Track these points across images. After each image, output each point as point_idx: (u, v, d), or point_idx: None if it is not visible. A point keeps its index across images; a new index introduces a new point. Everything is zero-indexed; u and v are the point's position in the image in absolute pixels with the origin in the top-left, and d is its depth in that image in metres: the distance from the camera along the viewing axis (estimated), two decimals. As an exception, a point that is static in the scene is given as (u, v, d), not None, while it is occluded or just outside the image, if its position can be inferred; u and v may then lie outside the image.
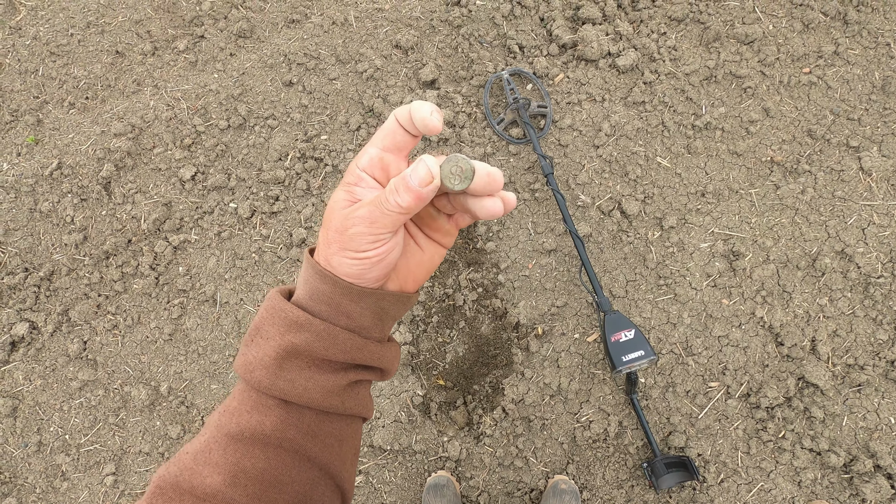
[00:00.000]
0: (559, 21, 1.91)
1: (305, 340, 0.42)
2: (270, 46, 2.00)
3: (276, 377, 0.42)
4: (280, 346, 0.42)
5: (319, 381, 0.43)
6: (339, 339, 0.42)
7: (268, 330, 0.43)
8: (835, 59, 1.80)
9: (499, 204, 0.40)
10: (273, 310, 0.43)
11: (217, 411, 0.45)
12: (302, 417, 0.44)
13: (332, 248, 0.40)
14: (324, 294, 0.42)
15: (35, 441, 1.67)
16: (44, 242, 1.84)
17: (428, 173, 0.37)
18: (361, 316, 0.43)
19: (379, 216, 0.38)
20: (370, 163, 0.41)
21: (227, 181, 1.84)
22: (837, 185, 1.68)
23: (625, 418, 1.55)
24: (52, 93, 2.04)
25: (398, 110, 0.39)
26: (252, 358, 0.43)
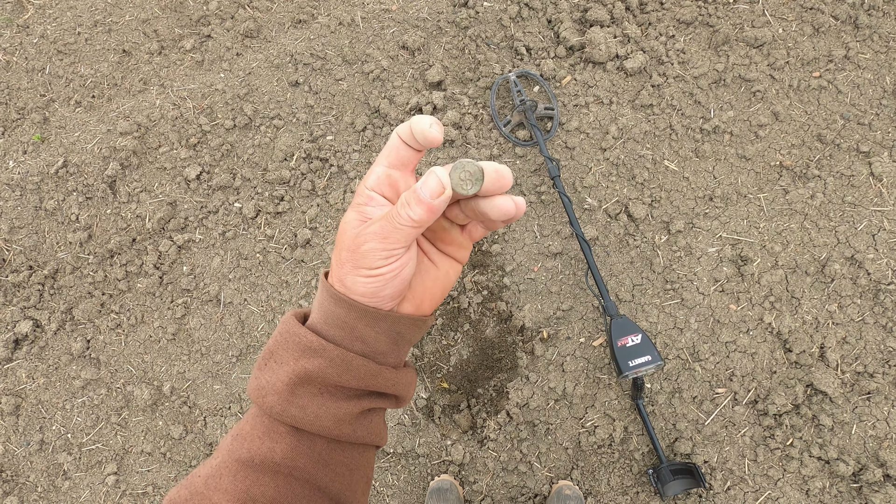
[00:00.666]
0: (567, 23, 1.90)
1: (319, 366, 0.41)
2: (277, 46, 2.00)
3: (288, 403, 0.41)
4: (293, 372, 0.41)
5: (331, 408, 0.42)
6: (353, 365, 0.41)
7: (281, 354, 0.42)
8: (845, 63, 1.78)
9: (510, 202, 0.39)
10: (287, 334, 0.43)
11: (230, 434, 0.45)
12: (313, 446, 0.43)
13: (346, 268, 0.40)
14: (338, 318, 0.41)
15: (37, 439, 1.67)
16: (48, 240, 1.83)
17: (439, 184, 0.36)
18: (377, 341, 0.42)
19: (391, 231, 0.38)
20: (378, 181, 0.41)
21: (232, 181, 1.84)
22: (847, 191, 1.66)
23: (630, 424, 1.53)
24: (58, 91, 2.04)
25: (399, 128, 0.40)
26: (265, 382, 0.42)
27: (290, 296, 1.72)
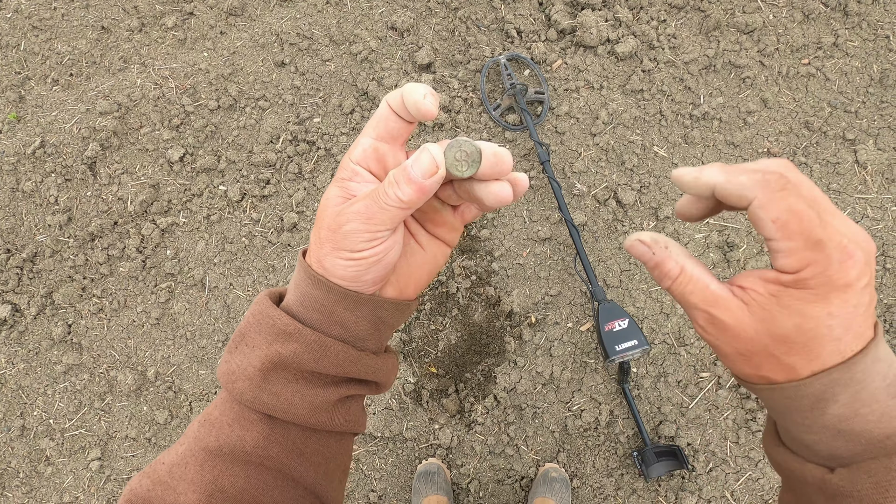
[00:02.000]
0: (558, 6, 1.87)
1: (294, 351, 0.38)
2: (262, 25, 1.95)
3: (260, 390, 0.39)
4: (266, 357, 0.38)
5: (307, 395, 0.39)
6: (330, 350, 0.39)
7: (253, 337, 0.39)
8: (834, 50, 1.79)
9: (507, 188, 0.36)
10: (260, 315, 0.39)
11: (197, 420, 0.42)
12: (287, 434, 0.41)
13: (325, 248, 0.36)
14: (316, 300, 0.38)
15: (18, 425, 1.64)
16: (26, 223, 1.79)
17: (432, 163, 0.33)
18: (356, 325, 0.39)
19: (376, 211, 0.34)
20: (364, 155, 0.37)
21: (216, 163, 1.80)
22: (833, 178, 1.68)
23: (616, 407, 1.55)
24: (34, 68, 1.97)
25: (390, 95, 0.36)
26: (235, 367, 0.39)
27: (276, 280, 1.70)
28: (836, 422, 0.31)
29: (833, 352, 0.30)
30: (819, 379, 0.30)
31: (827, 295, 0.29)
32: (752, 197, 0.31)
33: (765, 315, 0.31)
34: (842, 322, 0.30)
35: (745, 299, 0.32)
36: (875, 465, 0.30)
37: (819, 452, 0.33)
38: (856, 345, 0.31)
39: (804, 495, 0.35)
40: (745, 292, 0.32)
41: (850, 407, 0.31)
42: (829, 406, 0.31)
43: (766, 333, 0.31)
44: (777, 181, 0.30)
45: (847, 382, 0.30)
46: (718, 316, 0.33)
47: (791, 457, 0.35)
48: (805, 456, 0.34)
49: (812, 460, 0.34)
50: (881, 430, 0.30)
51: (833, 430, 0.31)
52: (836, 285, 0.29)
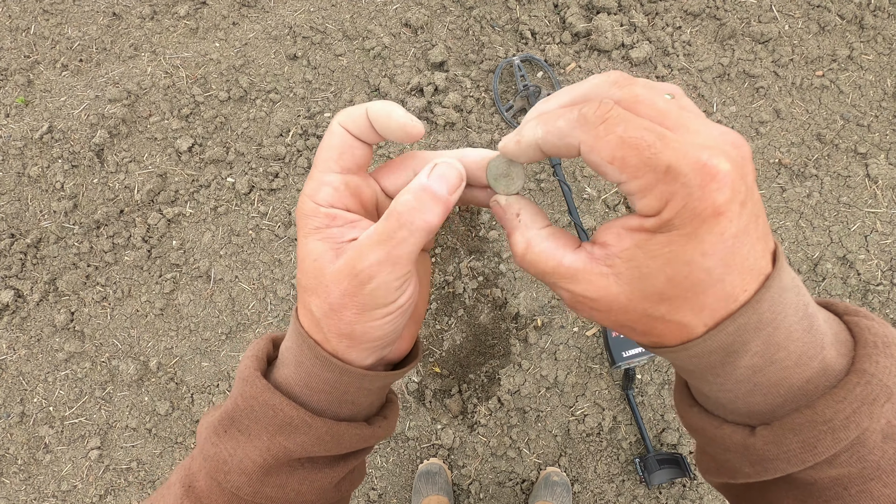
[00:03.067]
0: (574, 9, 1.86)
1: (302, 444, 0.33)
2: (275, 17, 1.93)
3: (261, 484, 0.34)
4: (268, 451, 0.33)
5: (315, 481, 0.35)
6: (344, 437, 0.34)
7: (248, 426, 0.33)
8: (848, 63, 1.78)
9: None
10: (254, 401, 0.33)
11: (181, 482, 0.36)
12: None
13: (348, 315, 0.30)
14: (326, 382, 0.33)
15: (17, 412, 1.63)
16: (31, 208, 1.77)
17: (458, 175, 0.30)
18: (367, 400, 0.36)
19: (399, 247, 0.29)
20: (337, 195, 0.31)
21: (225, 155, 1.79)
22: (843, 191, 1.68)
23: (619, 413, 1.55)
24: (44, 53, 1.95)
25: (343, 119, 0.30)
26: (227, 456, 0.34)
27: (282, 274, 1.69)
28: (749, 374, 0.26)
29: (720, 298, 0.25)
30: (721, 331, 0.25)
31: (696, 231, 0.23)
32: (577, 142, 0.25)
33: (633, 274, 0.25)
34: (721, 260, 0.24)
35: (608, 262, 0.26)
36: (798, 418, 0.26)
37: (736, 410, 0.28)
38: (748, 283, 0.25)
39: (726, 462, 0.30)
40: (606, 252, 0.26)
41: (763, 355, 0.26)
42: (741, 358, 0.26)
43: (639, 296, 0.26)
44: (597, 112, 0.24)
45: (756, 326, 0.25)
46: (580, 291, 0.27)
47: (706, 418, 0.30)
48: (722, 416, 0.30)
49: (730, 419, 0.29)
50: (800, 375, 0.26)
51: (748, 385, 0.27)
52: (704, 216, 0.23)
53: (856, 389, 0.25)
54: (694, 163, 0.23)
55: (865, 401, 0.25)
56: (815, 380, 0.26)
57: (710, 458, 0.33)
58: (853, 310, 0.30)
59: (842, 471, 0.27)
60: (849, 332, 0.28)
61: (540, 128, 0.27)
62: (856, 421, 0.25)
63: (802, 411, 0.26)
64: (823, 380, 0.26)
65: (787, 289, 0.26)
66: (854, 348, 0.27)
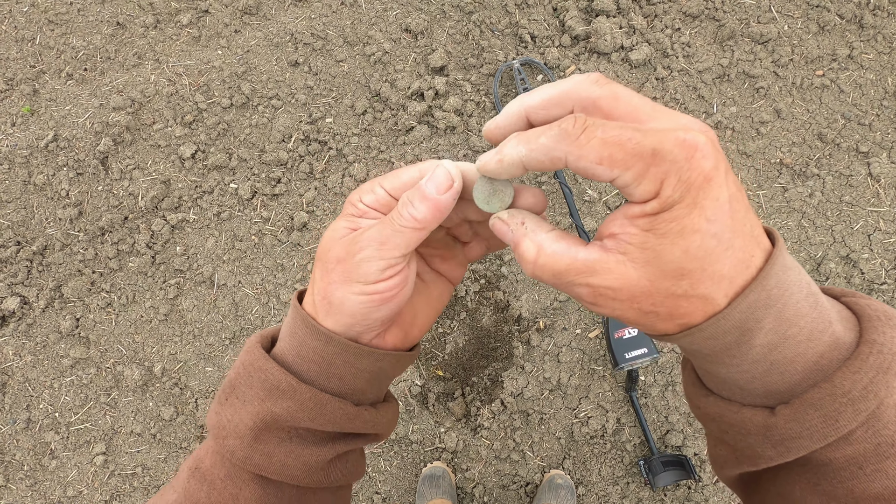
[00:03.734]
0: (573, 12, 1.87)
1: (287, 410, 0.36)
2: (277, 24, 1.95)
3: (251, 450, 0.37)
4: (257, 415, 0.36)
5: (301, 455, 0.37)
6: (327, 408, 0.36)
7: (244, 391, 0.37)
8: (849, 62, 1.78)
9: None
10: (251, 367, 0.37)
11: (189, 466, 0.40)
12: (281, 494, 0.39)
13: (334, 279, 0.34)
14: (313, 351, 0.36)
15: (24, 418, 1.64)
16: (37, 216, 1.79)
17: (447, 177, 0.32)
18: (355, 379, 0.37)
19: (390, 235, 0.32)
20: (377, 201, 0.35)
21: (228, 161, 1.80)
22: (845, 190, 1.67)
23: (623, 415, 1.54)
24: (49, 62, 1.98)
25: (425, 169, 0.34)
26: (226, 421, 0.37)
27: (285, 279, 1.70)
28: (766, 352, 0.27)
29: (735, 264, 0.26)
30: (737, 306, 0.26)
31: (695, 200, 0.25)
32: (563, 154, 0.27)
33: (649, 256, 0.26)
34: (724, 224, 0.26)
35: (621, 249, 0.27)
36: (817, 393, 0.27)
37: (753, 392, 0.29)
38: (754, 249, 0.27)
39: (746, 447, 0.31)
40: (617, 241, 0.27)
41: (776, 332, 0.27)
42: (756, 336, 0.27)
43: (660, 275, 0.27)
44: (576, 125, 0.27)
45: (766, 302, 0.26)
46: (601, 283, 0.28)
47: (724, 404, 0.31)
48: (739, 399, 0.30)
49: (747, 402, 0.30)
50: (813, 350, 0.27)
51: (765, 364, 0.28)
52: (698, 184, 0.25)
53: (869, 359, 0.26)
54: (675, 140, 0.25)
55: (880, 370, 0.26)
56: (828, 354, 0.27)
57: (729, 448, 0.33)
58: (849, 292, 0.31)
59: (857, 448, 0.27)
60: (849, 311, 0.29)
61: (522, 146, 0.29)
62: (873, 391, 0.26)
63: (821, 385, 0.27)
64: (836, 353, 0.27)
65: (790, 268, 0.27)
66: (859, 323, 0.28)
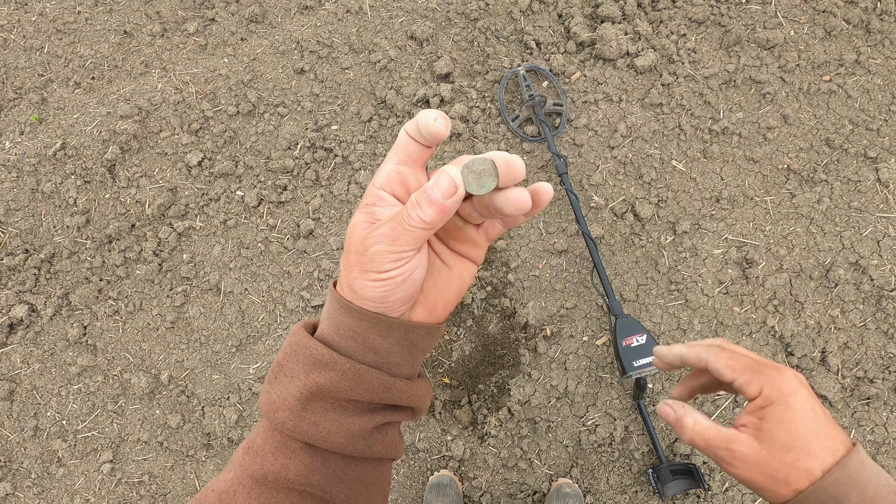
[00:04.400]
0: (578, 18, 1.87)
1: (330, 380, 0.40)
2: (282, 32, 1.96)
3: (299, 419, 0.40)
4: (304, 387, 0.40)
5: (345, 424, 0.41)
6: (366, 378, 0.40)
7: (291, 368, 0.41)
8: (856, 67, 1.77)
9: (524, 194, 0.37)
10: (297, 346, 0.41)
11: (242, 447, 0.44)
12: (327, 462, 0.42)
13: (354, 272, 0.38)
14: (349, 328, 0.40)
15: (31, 426, 1.65)
16: (45, 224, 1.80)
17: (451, 183, 0.35)
18: (390, 352, 0.41)
19: (401, 233, 0.36)
20: (387, 179, 0.39)
21: (234, 168, 1.81)
22: (854, 196, 1.66)
23: (631, 423, 1.53)
24: (57, 71, 1.99)
25: (407, 124, 0.39)
26: (276, 397, 0.41)
27: (291, 286, 1.70)
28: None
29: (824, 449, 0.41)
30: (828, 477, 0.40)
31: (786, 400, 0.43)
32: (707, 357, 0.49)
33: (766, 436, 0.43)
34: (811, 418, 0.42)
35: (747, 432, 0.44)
36: None
37: None
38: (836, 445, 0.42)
39: None
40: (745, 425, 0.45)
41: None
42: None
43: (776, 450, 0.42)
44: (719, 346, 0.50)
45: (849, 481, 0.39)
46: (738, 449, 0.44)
47: None
48: None
49: None
50: None
51: None
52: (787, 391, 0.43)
53: None
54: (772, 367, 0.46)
55: None
56: None
57: None
58: None
59: None
60: None
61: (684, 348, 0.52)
62: None
63: None
64: None
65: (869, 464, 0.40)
66: None
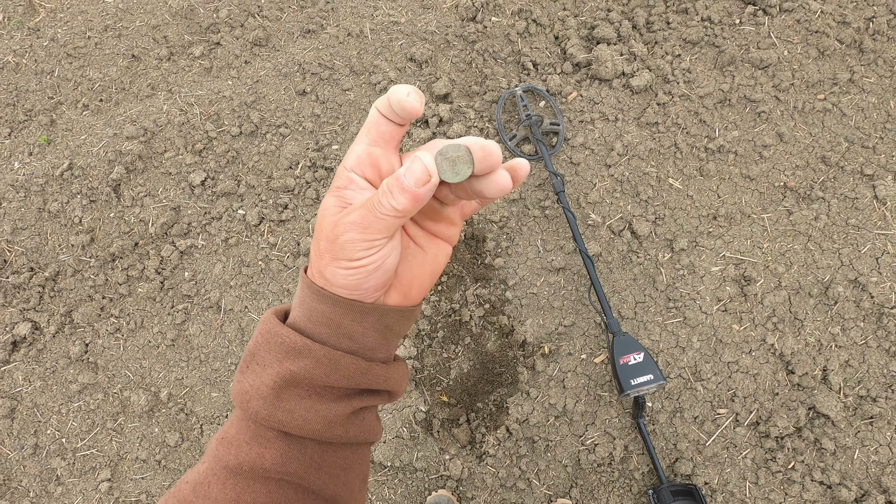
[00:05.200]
0: (574, 40, 1.91)
1: (304, 368, 0.39)
2: (285, 55, 2.01)
3: (273, 408, 0.39)
4: (277, 375, 0.39)
5: (321, 410, 0.40)
6: (341, 364, 0.39)
7: (264, 356, 0.40)
8: (850, 86, 1.79)
9: (505, 177, 0.35)
10: (268, 334, 0.40)
11: (216, 438, 0.43)
12: (304, 449, 0.41)
13: (325, 260, 0.37)
14: (322, 314, 0.39)
15: (31, 444, 1.65)
16: (51, 242, 1.83)
17: (424, 171, 0.33)
18: (364, 336, 0.40)
19: (372, 221, 0.34)
20: (358, 161, 0.37)
21: (236, 187, 1.84)
22: (851, 213, 1.67)
23: (631, 443, 1.52)
24: (66, 94, 2.05)
25: (378, 101, 0.36)
26: (248, 386, 0.40)
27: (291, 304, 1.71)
28: None
29: None
30: None
31: None
32: None
33: None
34: None
35: None
36: None
37: None
38: None
39: None
40: None
41: None
42: None
43: None
44: None
45: None
46: None
47: None
48: None
49: None
50: None
51: None
52: None
53: None
54: None
55: None
56: None
57: None
58: None
59: None
60: None
61: None
62: None
63: None
64: None
65: None
66: None
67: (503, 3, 1.99)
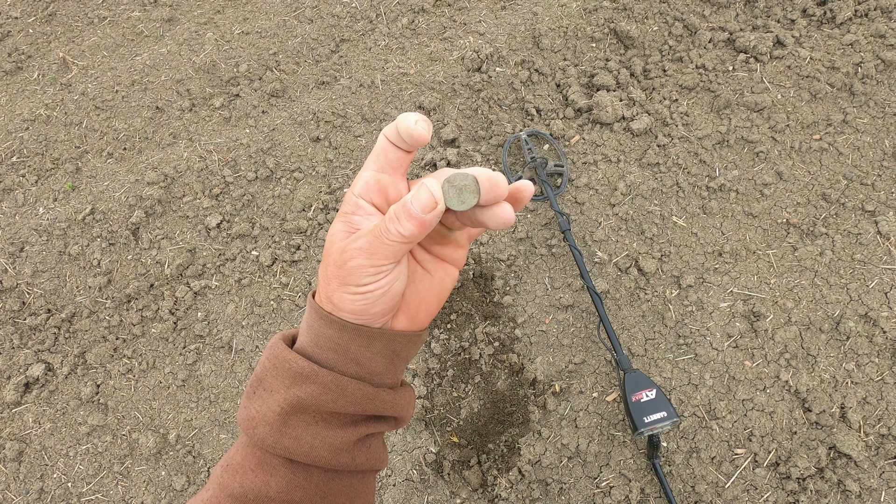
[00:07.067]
0: (575, 87, 2.01)
1: (312, 394, 0.38)
2: (301, 105, 2.12)
3: (280, 435, 0.39)
4: (284, 401, 0.39)
5: (327, 437, 0.40)
6: (348, 390, 0.39)
7: (271, 382, 0.40)
8: (844, 126, 1.85)
9: (509, 211, 0.36)
10: (276, 359, 0.40)
11: (221, 465, 0.43)
12: (310, 477, 0.41)
13: (332, 285, 0.37)
14: (330, 339, 0.39)
15: (37, 488, 1.63)
16: (69, 284, 1.88)
17: (431, 198, 0.34)
18: (372, 361, 0.40)
19: (379, 247, 0.35)
20: (366, 187, 0.38)
21: (251, 229, 1.90)
22: (856, 249, 1.68)
23: (647, 485, 1.48)
24: (92, 143, 2.16)
25: (386, 128, 0.37)
26: (255, 412, 0.40)
27: (301, 344, 1.72)
28: None
29: None
30: None
31: None
32: None
33: None
34: None
35: None
36: None
37: None
38: None
39: None
40: None
41: None
42: None
43: None
44: None
45: None
46: None
47: None
48: None
49: None
50: None
51: None
52: None
53: None
54: None
55: None
56: None
57: None
58: None
59: None
60: None
61: None
62: None
63: None
64: None
65: None
66: None
67: (506, 54, 2.11)
